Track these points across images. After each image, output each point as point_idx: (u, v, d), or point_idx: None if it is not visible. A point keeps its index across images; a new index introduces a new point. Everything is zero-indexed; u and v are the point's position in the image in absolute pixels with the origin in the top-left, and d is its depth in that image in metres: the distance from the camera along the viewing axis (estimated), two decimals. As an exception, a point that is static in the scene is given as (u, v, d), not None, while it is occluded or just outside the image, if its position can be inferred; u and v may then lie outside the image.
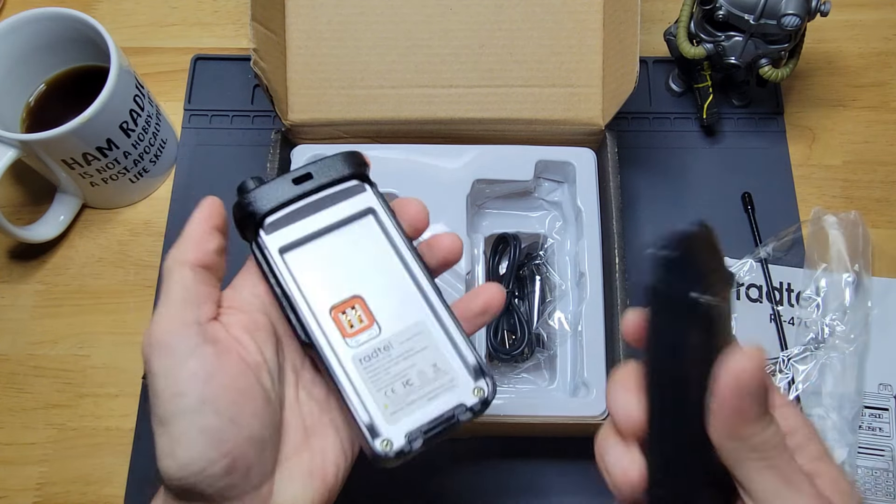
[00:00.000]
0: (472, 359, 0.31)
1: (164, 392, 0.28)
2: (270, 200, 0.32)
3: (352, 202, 0.33)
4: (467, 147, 0.51)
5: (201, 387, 0.28)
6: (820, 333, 0.51)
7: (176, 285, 0.30)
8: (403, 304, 0.32)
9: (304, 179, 0.32)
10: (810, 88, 0.61)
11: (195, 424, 0.28)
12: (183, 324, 0.29)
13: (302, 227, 0.32)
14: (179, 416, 0.28)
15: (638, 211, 0.57)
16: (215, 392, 0.28)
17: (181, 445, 0.28)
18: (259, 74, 0.48)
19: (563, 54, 0.52)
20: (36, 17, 0.51)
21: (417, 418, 0.30)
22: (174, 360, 0.28)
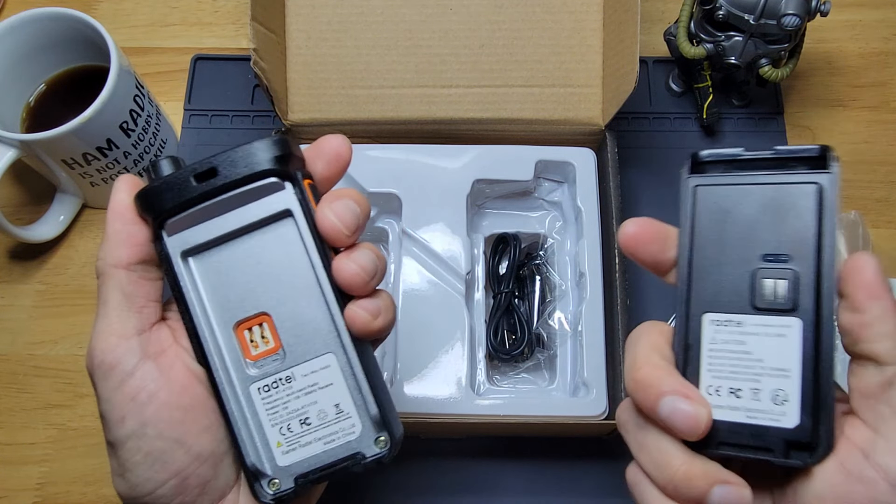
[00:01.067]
0: (375, 409, 0.28)
1: (108, 416, 0.28)
2: (173, 198, 0.28)
3: (266, 202, 0.28)
4: (467, 147, 0.51)
5: (141, 410, 0.27)
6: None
7: (112, 292, 0.28)
8: (314, 330, 0.28)
9: (209, 176, 0.28)
10: (810, 88, 0.61)
11: (139, 449, 0.27)
12: (122, 337, 0.28)
13: (207, 230, 0.28)
14: (124, 440, 0.27)
15: (638, 211, 0.57)
16: (157, 414, 0.27)
17: (128, 469, 0.27)
18: (259, 74, 0.48)
19: (563, 54, 0.52)
20: (36, 17, 0.51)
21: (309, 462, 0.28)
22: (114, 382, 0.27)
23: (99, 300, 0.28)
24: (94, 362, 0.28)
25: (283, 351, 0.28)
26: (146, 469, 0.27)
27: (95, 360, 0.27)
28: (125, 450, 0.27)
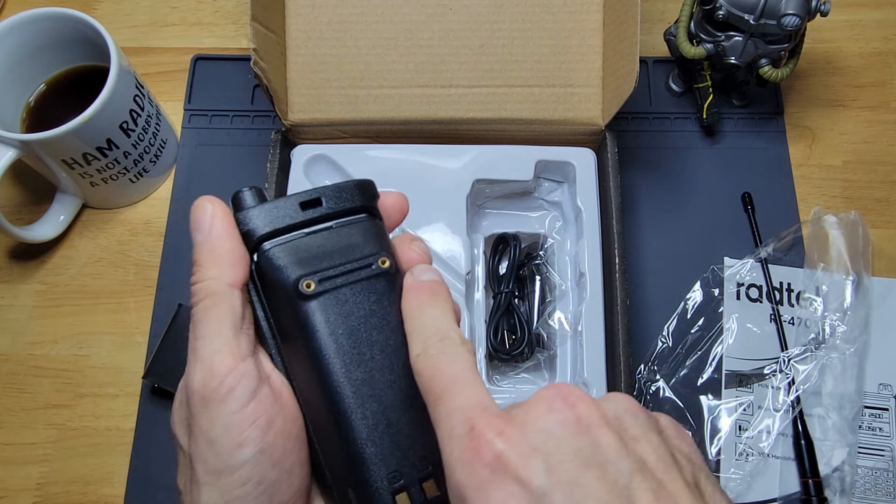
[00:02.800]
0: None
1: (222, 442, 0.25)
2: (271, 222, 0.28)
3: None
4: (467, 147, 0.51)
5: (262, 435, 0.26)
6: (820, 333, 0.51)
7: (226, 312, 0.27)
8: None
9: (313, 205, 0.28)
10: (810, 88, 0.61)
11: (252, 478, 0.25)
12: (239, 358, 0.26)
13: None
14: (236, 467, 0.25)
15: (638, 211, 0.57)
16: (274, 441, 0.26)
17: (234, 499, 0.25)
18: (259, 74, 0.48)
19: (563, 54, 0.52)
20: (36, 17, 0.51)
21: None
22: (235, 406, 0.26)
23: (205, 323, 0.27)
24: (209, 385, 0.26)
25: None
26: (254, 499, 0.26)
27: (211, 382, 0.26)
28: (235, 478, 0.25)
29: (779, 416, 0.50)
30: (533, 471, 0.21)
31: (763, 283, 0.53)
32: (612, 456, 0.22)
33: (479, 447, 0.22)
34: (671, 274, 0.54)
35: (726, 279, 0.54)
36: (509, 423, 0.22)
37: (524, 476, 0.21)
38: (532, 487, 0.21)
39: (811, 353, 0.51)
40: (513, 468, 0.21)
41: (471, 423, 0.23)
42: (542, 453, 0.22)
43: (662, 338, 0.53)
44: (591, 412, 0.23)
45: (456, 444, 0.23)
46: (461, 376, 0.25)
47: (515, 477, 0.21)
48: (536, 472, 0.21)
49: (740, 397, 0.51)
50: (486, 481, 0.21)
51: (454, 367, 0.25)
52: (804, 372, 0.50)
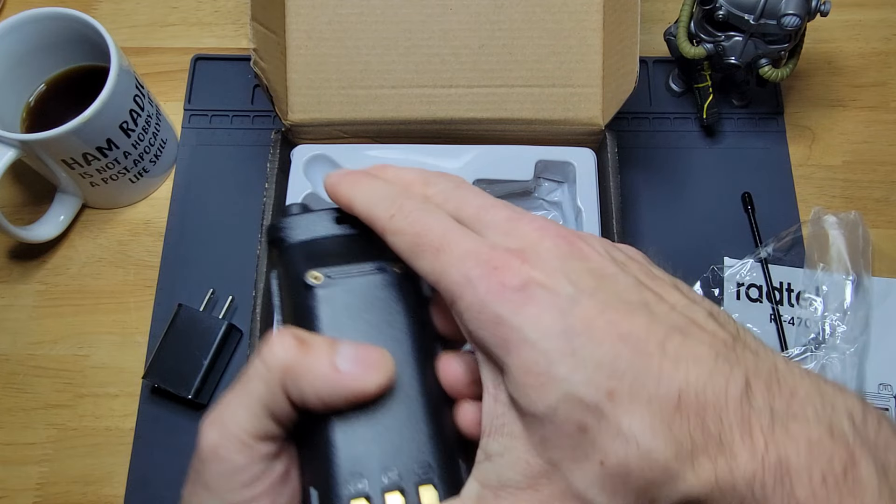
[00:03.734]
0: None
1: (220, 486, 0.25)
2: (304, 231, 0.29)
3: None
4: (467, 147, 0.51)
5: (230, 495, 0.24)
6: (820, 333, 0.51)
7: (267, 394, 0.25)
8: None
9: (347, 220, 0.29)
10: (810, 88, 0.61)
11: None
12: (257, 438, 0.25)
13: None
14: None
15: (638, 211, 0.57)
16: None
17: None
18: (259, 74, 0.48)
19: (563, 54, 0.52)
20: (36, 17, 0.51)
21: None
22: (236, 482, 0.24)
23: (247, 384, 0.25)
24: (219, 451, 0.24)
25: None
26: None
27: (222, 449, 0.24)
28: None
29: (779, 416, 0.50)
30: (560, 281, 0.23)
31: (763, 283, 0.54)
32: (614, 271, 0.24)
33: (506, 278, 0.23)
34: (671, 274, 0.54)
35: (726, 279, 0.54)
36: (524, 254, 0.24)
37: (553, 286, 0.23)
38: (563, 291, 0.23)
39: (811, 353, 0.51)
40: (542, 283, 0.23)
41: (491, 261, 0.24)
42: (563, 272, 0.23)
43: (662, 338, 0.53)
44: (586, 244, 0.25)
45: (480, 283, 0.23)
46: (450, 226, 0.25)
47: (546, 288, 0.23)
48: (563, 282, 0.23)
49: (740, 397, 0.51)
50: (522, 300, 0.23)
51: (439, 218, 0.26)
52: (804, 372, 0.50)
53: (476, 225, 0.26)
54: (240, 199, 0.56)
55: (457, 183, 0.28)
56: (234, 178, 0.58)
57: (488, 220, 0.26)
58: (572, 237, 0.25)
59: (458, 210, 0.26)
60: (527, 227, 0.25)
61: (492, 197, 0.27)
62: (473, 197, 0.27)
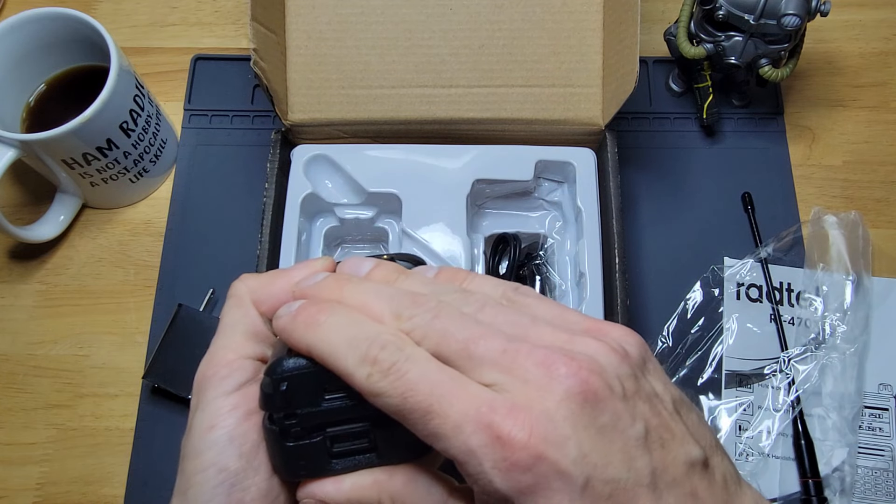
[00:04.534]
0: None
1: (198, 424, 0.26)
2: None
3: None
4: (467, 147, 0.51)
5: (234, 423, 0.26)
6: (820, 333, 0.51)
7: (243, 318, 0.28)
8: None
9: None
10: (810, 88, 0.61)
11: (215, 464, 0.25)
12: (240, 356, 0.27)
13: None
14: (202, 450, 0.25)
15: (638, 211, 0.57)
16: (246, 432, 0.26)
17: (193, 485, 0.25)
18: (259, 74, 0.48)
19: (563, 54, 0.52)
20: (36, 17, 0.51)
21: None
22: (217, 392, 0.26)
23: (223, 320, 0.28)
24: (206, 372, 0.27)
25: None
26: (212, 489, 0.25)
27: (209, 370, 0.27)
28: (199, 461, 0.25)
29: (779, 416, 0.50)
30: (571, 462, 0.21)
31: (763, 283, 0.53)
32: (625, 422, 0.22)
33: (514, 453, 0.21)
34: (671, 274, 0.54)
35: (726, 279, 0.54)
36: (530, 414, 0.22)
37: (565, 469, 0.21)
38: (574, 478, 0.21)
39: (811, 353, 0.51)
40: (553, 464, 0.21)
41: (490, 428, 0.21)
42: (573, 439, 0.22)
43: (662, 338, 0.53)
44: (600, 384, 0.22)
45: (485, 456, 0.21)
46: (437, 379, 0.23)
47: (557, 472, 0.21)
48: (575, 463, 0.21)
49: (740, 397, 0.51)
50: (531, 486, 0.21)
51: (423, 371, 0.23)
52: (804, 372, 0.50)
53: (466, 364, 0.23)
54: (240, 199, 0.56)
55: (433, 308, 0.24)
56: (234, 178, 0.58)
57: (480, 355, 0.23)
58: (586, 376, 0.22)
59: (439, 347, 0.23)
60: (527, 361, 0.23)
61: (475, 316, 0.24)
62: (457, 327, 0.24)
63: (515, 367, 0.23)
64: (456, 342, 0.23)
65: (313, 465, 0.26)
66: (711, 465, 0.24)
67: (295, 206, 0.50)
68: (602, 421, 0.22)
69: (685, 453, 0.23)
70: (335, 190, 0.52)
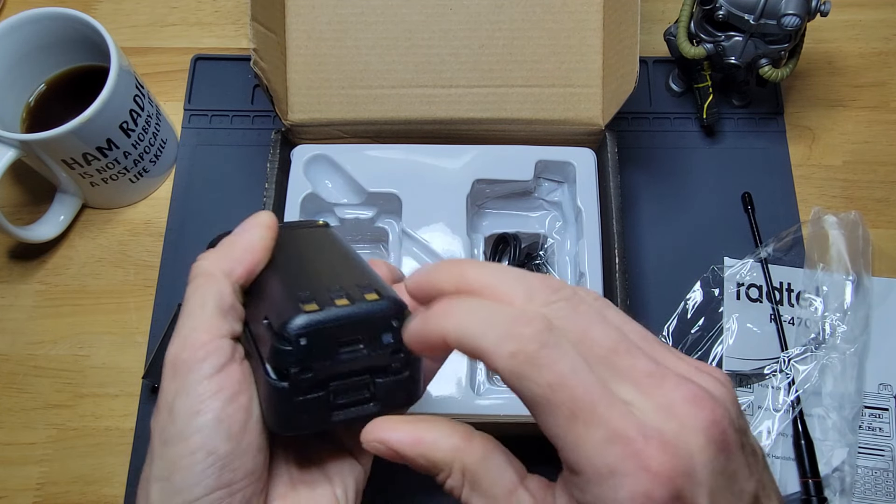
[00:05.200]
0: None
1: (179, 409, 0.26)
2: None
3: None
4: (467, 147, 0.51)
5: (222, 406, 0.26)
6: (820, 333, 0.51)
7: (212, 293, 0.27)
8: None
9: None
10: (810, 88, 0.61)
11: (203, 447, 0.25)
12: (216, 335, 0.27)
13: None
14: (189, 434, 0.25)
15: (638, 211, 0.57)
16: (234, 415, 0.26)
17: (178, 469, 0.25)
18: (259, 74, 0.48)
19: (563, 54, 0.52)
20: (36, 17, 0.51)
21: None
22: (199, 375, 0.26)
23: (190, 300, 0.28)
24: (182, 354, 0.26)
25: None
26: (201, 472, 0.25)
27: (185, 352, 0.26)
28: (185, 445, 0.25)
29: (779, 416, 0.50)
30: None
31: (763, 283, 0.53)
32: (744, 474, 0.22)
33: (655, 488, 0.20)
34: (671, 274, 0.54)
35: (726, 279, 0.54)
36: (676, 452, 0.21)
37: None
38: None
39: (811, 353, 0.51)
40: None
41: (640, 457, 0.20)
42: (707, 487, 0.21)
43: (662, 338, 0.53)
44: (731, 431, 0.22)
45: (624, 481, 0.20)
46: (591, 381, 0.21)
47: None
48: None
49: (740, 397, 0.51)
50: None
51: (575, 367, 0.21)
52: (804, 372, 0.50)
53: (607, 372, 0.22)
54: (240, 199, 0.56)
55: (572, 298, 0.23)
56: (234, 178, 0.58)
57: (625, 368, 0.22)
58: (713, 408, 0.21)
59: (582, 345, 0.22)
60: (675, 393, 0.22)
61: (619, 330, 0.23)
62: (600, 330, 0.22)
63: (659, 395, 0.22)
64: (600, 347, 0.22)
65: (316, 418, 0.27)
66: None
67: (295, 206, 0.50)
68: (730, 468, 0.22)
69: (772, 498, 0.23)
70: (335, 190, 0.52)
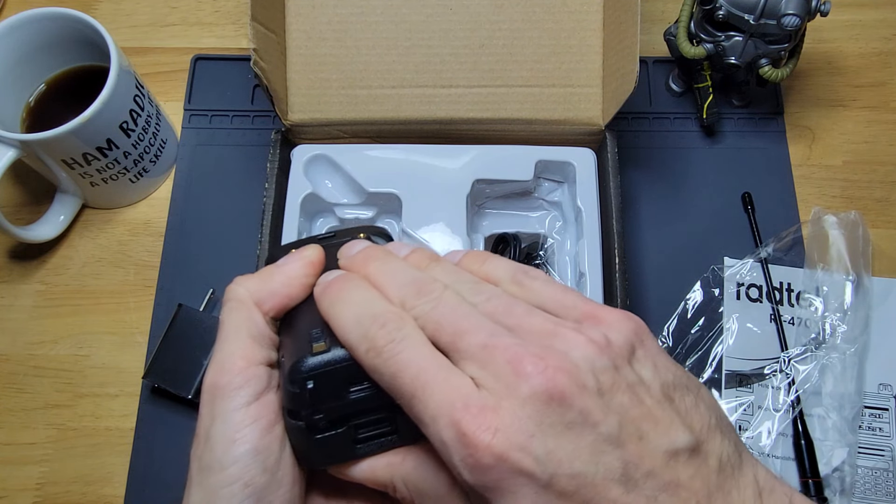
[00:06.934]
0: None
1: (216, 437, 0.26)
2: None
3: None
4: (467, 147, 0.51)
5: (258, 436, 0.26)
6: (820, 333, 0.51)
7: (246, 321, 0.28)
8: None
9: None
10: (810, 88, 0.61)
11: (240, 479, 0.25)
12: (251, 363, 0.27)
13: None
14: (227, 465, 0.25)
15: (638, 211, 0.57)
16: (270, 445, 0.26)
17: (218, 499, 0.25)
18: (259, 74, 0.48)
19: (563, 54, 0.52)
20: (36, 17, 0.51)
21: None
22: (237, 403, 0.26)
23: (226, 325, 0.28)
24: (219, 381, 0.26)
25: None
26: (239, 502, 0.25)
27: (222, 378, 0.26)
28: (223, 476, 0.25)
29: (779, 416, 0.50)
30: (534, 460, 0.22)
31: (763, 283, 0.53)
32: (599, 417, 0.22)
33: (477, 453, 0.22)
34: (671, 274, 0.54)
35: (726, 279, 0.54)
36: (496, 414, 0.22)
37: (528, 468, 0.22)
38: (537, 476, 0.22)
39: (811, 353, 0.51)
40: (516, 463, 0.22)
41: (458, 426, 0.22)
42: (538, 437, 0.22)
43: (662, 338, 0.53)
44: (567, 382, 0.23)
45: (453, 451, 0.23)
46: (424, 365, 0.24)
47: (519, 471, 0.22)
48: (538, 460, 0.22)
49: (740, 397, 0.51)
50: (495, 483, 0.22)
51: (412, 356, 0.24)
52: (804, 372, 0.50)
53: (453, 355, 0.24)
54: (240, 199, 0.56)
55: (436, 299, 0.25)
56: (234, 178, 0.58)
57: (464, 348, 0.24)
58: (551, 376, 0.23)
59: (434, 336, 0.25)
60: (501, 358, 0.23)
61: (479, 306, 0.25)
62: (450, 319, 0.25)
63: (490, 364, 0.23)
64: (447, 334, 0.25)
65: (339, 453, 0.27)
66: (705, 450, 0.24)
67: (295, 206, 0.50)
68: (568, 418, 0.22)
69: (668, 442, 0.23)
70: (335, 190, 0.52)
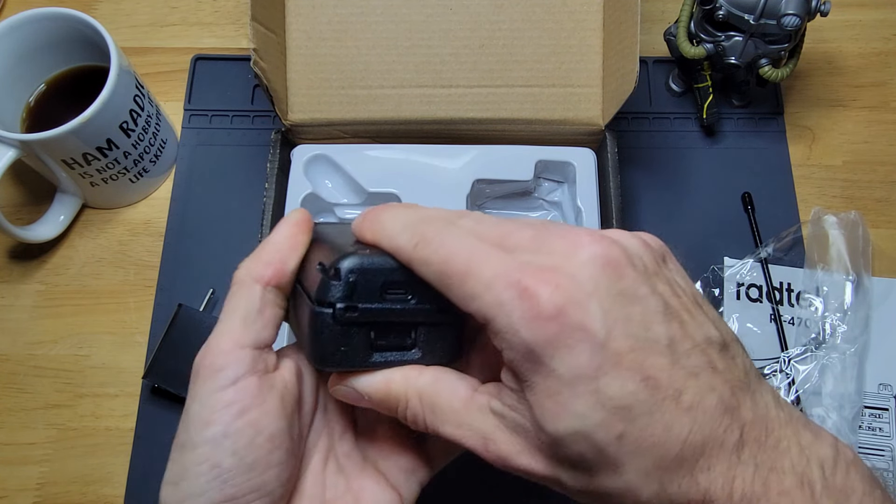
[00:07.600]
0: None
1: (195, 416, 0.27)
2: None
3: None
4: (467, 147, 0.51)
5: (230, 420, 0.26)
6: (820, 333, 0.51)
7: (241, 301, 0.28)
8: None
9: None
10: (810, 88, 0.61)
11: (208, 459, 0.26)
12: (237, 346, 0.27)
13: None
14: (198, 444, 0.26)
15: (638, 211, 0.57)
16: (241, 429, 0.26)
17: (187, 477, 0.26)
18: (259, 74, 0.48)
19: (563, 54, 0.52)
20: (36, 17, 0.51)
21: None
22: (214, 386, 0.27)
23: (225, 306, 0.28)
24: (203, 361, 0.27)
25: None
26: (205, 483, 0.26)
27: (206, 359, 0.27)
28: (195, 454, 0.26)
29: (779, 416, 0.50)
30: (592, 315, 0.23)
31: (763, 283, 0.53)
32: (645, 291, 0.24)
33: (538, 305, 0.23)
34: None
35: (726, 279, 0.54)
36: (556, 273, 0.23)
37: (587, 322, 0.23)
38: (596, 331, 0.23)
39: (811, 353, 0.51)
40: (575, 316, 0.23)
41: (520, 284, 0.23)
42: (595, 297, 0.23)
43: (662, 338, 0.53)
44: (621, 254, 0.24)
45: (513, 309, 0.23)
46: (477, 246, 0.25)
47: (580, 324, 0.23)
48: (596, 316, 0.23)
49: (740, 397, 0.51)
50: (554, 335, 0.23)
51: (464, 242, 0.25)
52: (804, 372, 0.50)
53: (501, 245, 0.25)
54: (240, 199, 0.56)
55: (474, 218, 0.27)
56: (234, 178, 0.58)
57: (513, 244, 0.25)
58: (607, 246, 0.24)
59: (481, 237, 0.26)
60: (557, 241, 0.25)
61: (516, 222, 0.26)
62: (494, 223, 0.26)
63: (544, 246, 0.25)
64: (493, 236, 0.25)
65: (354, 355, 0.27)
66: (732, 351, 0.25)
67: (295, 206, 0.50)
68: (621, 286, 0.24)
69: (704, 333, 0.24)
70: (335, 190, 0.52)
